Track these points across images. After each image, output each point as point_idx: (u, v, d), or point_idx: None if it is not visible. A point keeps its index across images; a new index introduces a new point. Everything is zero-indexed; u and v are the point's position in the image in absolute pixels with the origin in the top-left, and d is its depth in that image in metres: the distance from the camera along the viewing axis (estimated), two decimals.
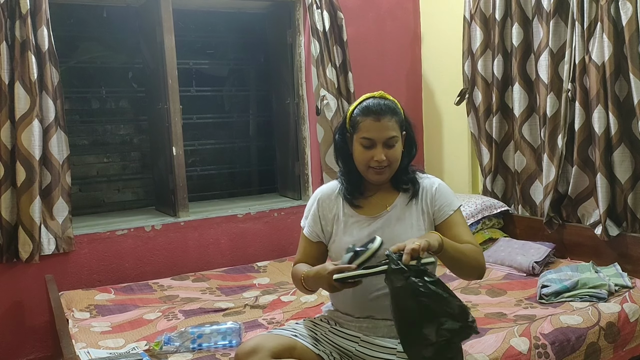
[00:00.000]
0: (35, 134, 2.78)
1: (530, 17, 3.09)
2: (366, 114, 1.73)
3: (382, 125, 1.70)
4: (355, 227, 1.80)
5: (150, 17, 3.37)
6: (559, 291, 2.46)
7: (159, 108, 3.43)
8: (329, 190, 1.88)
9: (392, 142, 1.72)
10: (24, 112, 2.76)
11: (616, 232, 2.75)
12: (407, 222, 1.79)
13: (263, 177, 4.90)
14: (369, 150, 1.72)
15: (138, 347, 2.13)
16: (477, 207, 3.21)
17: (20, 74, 2.74)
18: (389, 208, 1.80)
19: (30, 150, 2.77)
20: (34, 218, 2.79)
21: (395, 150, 1.73)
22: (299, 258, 1.89)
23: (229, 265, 3.36)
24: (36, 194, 2.79)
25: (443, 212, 1.80)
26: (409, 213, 1.80)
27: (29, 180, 2.78)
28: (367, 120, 1.72)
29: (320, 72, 3.44)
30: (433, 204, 1.81)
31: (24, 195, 2.78)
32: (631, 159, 2.70)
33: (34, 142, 2.78)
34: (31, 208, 2.79)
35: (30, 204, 2.79)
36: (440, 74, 3.85)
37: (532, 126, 3.17)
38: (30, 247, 2.81)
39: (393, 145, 1.72)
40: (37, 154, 2.79)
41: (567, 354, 2.10)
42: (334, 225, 1.83)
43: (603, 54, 2.66)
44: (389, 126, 1.71)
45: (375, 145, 1.71)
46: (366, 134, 1.71)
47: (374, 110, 1.72)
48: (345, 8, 3.57)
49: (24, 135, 2.76)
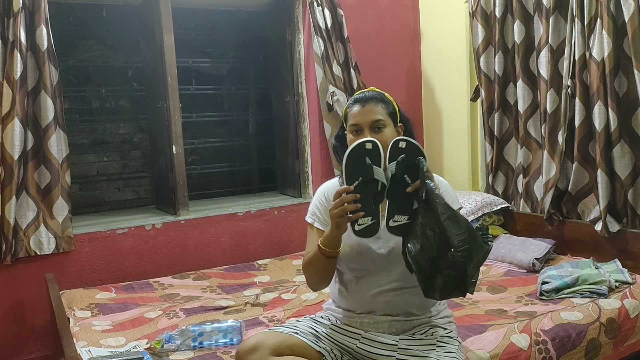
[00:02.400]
0: (16, 133, 2.75)
1: (531, 13, 3.09)
2: (353, 104, 1.76)
3: (367, 110, 1.72)
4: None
5: (150, 16, 3.37)
6: (559, 287, 2.46)
7: (158, 107, 3.42)
8: (332, 186, 1.87)
9: (378, 124, 1.71)
10: (6, 111, 2.74)
11: (616, 228, 2.75)
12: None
13: (263, 175, 4.90)
14: (357, 136, 1.72)
15: (139, 345, 2.13)
16: (477, 204, 3.21)
17: (7, 73, 2.74)
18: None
19: (9, 149, 2.75)
20: (9, 218, 2.77)
21: (384, 134, 1.72)
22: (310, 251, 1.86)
23: (229, 263, 3.36)
24: (12, 194, 2.76)
25: None
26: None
27: (8, 179, 2.76)
28: (353, 108, 1.75)
29: (327, 70, 3.43)
30: None
31: (3, 195, 2.76)
32: (631, 155, 2.70)
33: (14, 141, 2.76)
34: (7, 208, 2.77)
35: (7, 204, 2.77)
36: (440, 71, 3.85)
37: (535, 122, 3.17)
38: (3, 247, 2.79)
39: (380, 129, 1.72)
40: (17, 153, 2.76)
41: (568, 350, 2.10)
42: None
43: (603, 50, 2.66)
44: (374, 110, 1.72)
45: (363, 131, 1.72)
46: (353, 120, 1.74)
47: (360, 98, 1.76)
48: (345, 5, 3.56)
49: (6, 134, 2.75)
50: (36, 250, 2.88)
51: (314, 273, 1.77)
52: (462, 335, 1.98)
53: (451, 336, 1.79)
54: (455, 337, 1.81)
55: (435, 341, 1.71)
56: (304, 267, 1.82)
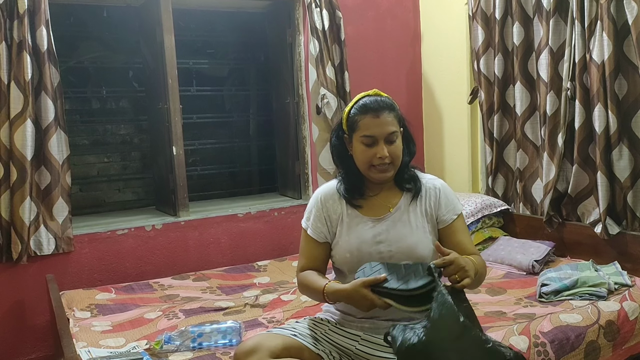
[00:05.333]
0: (28, 134, 2.76)
1: (531, 16, 3.09)
2: (364, 112, 1.71)
3: (382, 121, 1.69)
4: (359, 228, 1.78)
5: (150, 17, 3.37)
6: (558, 290, 2.46)
7: (159, 108, 3.43)
8: (331, 191, 1.84)
9: (393, 137, 1.70)
10: (17, 112, 2.75)
11: (616, 230, 2.75)
12: (412, 224, 1.77)
13: (263, 177, 4.90)
14: (371, 148, 1.70)
15: (139, 346, 2.13)
16: (477, 206, 3.22)
17: (15, 74, 2.74)
18: (393, 209, 1.79)
19: (22, 150, 2.76)
20: (24, 219, 2.78)
21: (397, 146, 1.72)
22: (305, 263, 1.82)
23: (229, 264, 3.36)
24: (27, 195, 2.77)
25: (447, 216, 1.79)
26: (413, 214, 1.79)
27: (21, 180, 2.77)
28: (366, 118, 1.70)
29: (320, 71, 3.44)
30: (437, 207, 1.79)
31: (16, 196, 2.77)
32: (630, 158, 2.70)
33: (26, 142, 2.76)
34: (21, 208, 2.77)
35: (21, 205, 2.77)
36: (440, 73, 3.85)
37: (534, 125, 3.17)
38: (19, 247, 2.79)
39: (394, 141, 1.71)
40: (29, 154, 2.77)
41: (567, 353, 2.10)
42: (338, 226, 1.80)
43: (603, 53, 2.66)
44: (388, 121, 1.70)
45: (377, 143, 1.69)
46: (367, 132, 1.70)
47: (372, 107, 1.71)
48: (345, 7, 3.57)
49: (17, 135, 2.75)
50: (36, 250, 2.89)
51: (310, 297, 1.81)
52: None
53: None
54: None
55: None
56: (300, 285, 1.82)
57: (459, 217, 1.80)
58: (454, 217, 1.79)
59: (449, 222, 1.79)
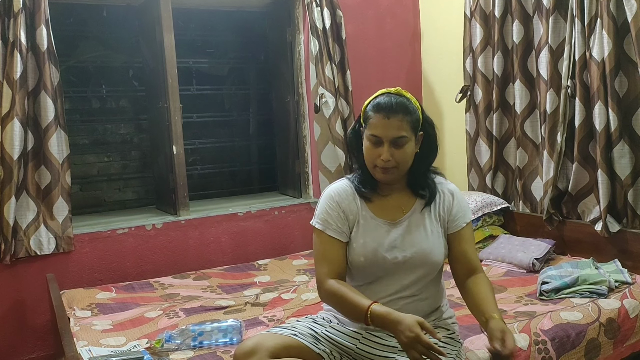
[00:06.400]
0: (15, 133, 2.76)
1: (530, 14, 3.09)
2: (376, 110, 1.67)
3: (391, 124, 1.64)
4: (374, 231, 1.74)
5: (150, 16, 3.37)
6: (559, 287, 2.46)
7: (159, 107, 3.43)
8: (343, 191, 1.78)
9: (400, 142, 1.65)
10: (6, 111, 2.74)
11: (616, 228, 2.75)
12: (427, 229, 1.75)
13: (263, 176, 4.90)
14: (376, 147, 1.67)
15: (139, 345, 2.13)
16: (477, 204, 3.22)
17: (7, 73, 2.74)
18: (408, 213, 1.76)
19: (9, 149, 2.75)
20: (8, 219, 2.77)
21: (404, 151, 1.66)
22: (331, 268, 1.71)
23: (229, 263, 3.36)
24: (11, 194, 2.76)
25: (457, 222, 1.77)
26: (428, 219, 1.77)
27: (7, 179, 2.76)
28: (376, 117, 1.66)
29: (319, 70, 3.44)
30: (450, 212, 1.77)
31: (3, 195, 2.77)
32: (631, 155, 2.70)
33: (14, 141, 2.76)
34: (5, 208, 2.77)
35: (6, 204, 2.77)
36: (440, 72, 3.85)
37: (534, 123, 3.17)
38: (2, 247, 2.79)
39: (402, 146, 1.65)
40: (16, 153, 2.76)
41: (567, 350, 2.10)
42: (355, 227, 1.75)
43: (603, 50, 2.66)
44: (398, 125, 1.64)
45: (382, 144, 1.65)
46: (374, 131, 1.66)
47: (384, 107, 1.65)
48: (345, 6, 3.57)
49: (5, 134, 2.75)
50: (36, 250, 2.89)
51: (341, 311, 1.71)
52: (462, 335, 1.97)
53: (453, 337, 1.79)
54: (457, 338, 1.82)
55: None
56: (329, 295, 1.69)
57: (468, 225, 1.79)
58: (463, 224, 1.78)
59: (457, 229, 1.77)
